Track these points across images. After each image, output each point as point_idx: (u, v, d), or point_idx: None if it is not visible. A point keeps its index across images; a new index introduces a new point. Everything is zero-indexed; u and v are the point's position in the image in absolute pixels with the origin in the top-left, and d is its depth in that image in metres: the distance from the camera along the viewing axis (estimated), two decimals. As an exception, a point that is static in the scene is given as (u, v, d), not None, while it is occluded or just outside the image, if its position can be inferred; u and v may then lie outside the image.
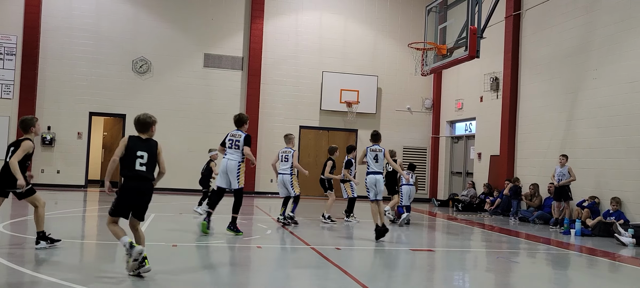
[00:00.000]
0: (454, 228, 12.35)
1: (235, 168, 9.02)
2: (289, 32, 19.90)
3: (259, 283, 6.17)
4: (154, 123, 5.96)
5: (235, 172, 9.03)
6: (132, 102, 18.77)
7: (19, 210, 11.94)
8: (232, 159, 9.03)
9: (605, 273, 7.92)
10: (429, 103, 20.90)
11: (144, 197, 5.82)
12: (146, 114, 5.97)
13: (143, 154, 5.75)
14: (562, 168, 12.74)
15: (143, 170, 5.75)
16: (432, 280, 6.88)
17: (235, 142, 9.05)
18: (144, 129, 5.91)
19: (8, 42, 17.87)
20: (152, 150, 5.83)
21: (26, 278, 5.68)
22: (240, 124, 9.27)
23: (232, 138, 9.14)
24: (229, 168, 9.02)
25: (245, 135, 9.07)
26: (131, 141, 5.80)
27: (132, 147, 5.75)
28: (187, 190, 18.68)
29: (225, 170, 9.08)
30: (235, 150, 9.05)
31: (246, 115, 9.44)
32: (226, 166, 9.06)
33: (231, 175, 9.03)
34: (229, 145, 9.14)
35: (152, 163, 5.83)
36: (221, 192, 9.25)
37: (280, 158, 11.04)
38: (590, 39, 13.34)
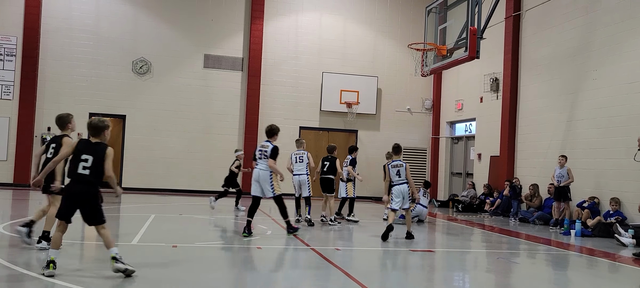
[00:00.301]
0: (454, 228, 12.34)
1: (267, 177, 9.29)
2: (288, 33, 19.90)
3: (259, 284, 6.17)
4: (106, 127, 5.97)
5: (268, 181, 9.28)
6: (132, 103, 18.78)
7: (18, 211, 11.95)
8: (263, 169, 9.32)
9: (605, 273, 7.92)
10: (429, 104, 20.90)
11: (82, 200, 5.76)
12: (100, 118, 6.01)
13: (87, 158, 5.73)
14: (561, 169, 12.74)
15: (85, 174, 5.72)
16: (432, 281, 6.88)
17: (263, 153, 9.39)
18: (95, 133, 5.92)
19: (8, 43, 17.88)
20: (98, 155, 5.75)
21: (26, 278, 5.67)
22: (271, 134, 9.61)
23: (262, 149, 9.48)
24: (261, 177, 9.31)
25: (273, 146, 9.37)
26: (79, 144, 5.85)
27: (79, 151, 5.78)
28: (187, 191, 18.69)
29: (258, 179, 9.35)
30: (265, 160, 9.34)
31: (277, 127, 9.72)
32: (258, 176, 9.34)
33: (263, 184, 9.31)
34: (258, 156, 9.48)
35: (98, 167, 5.75)
36: (257, 201, 9.45)
37: (295, 160, 11.38)
38: (590, 40, 13.35)
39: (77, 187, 5.76)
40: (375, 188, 16.85)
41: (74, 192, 5.78)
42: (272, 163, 9.22)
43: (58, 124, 7.33)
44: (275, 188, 9.28)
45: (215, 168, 19.27)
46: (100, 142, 5.89)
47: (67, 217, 5.81)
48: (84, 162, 5.73)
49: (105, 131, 5.96)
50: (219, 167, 19.27)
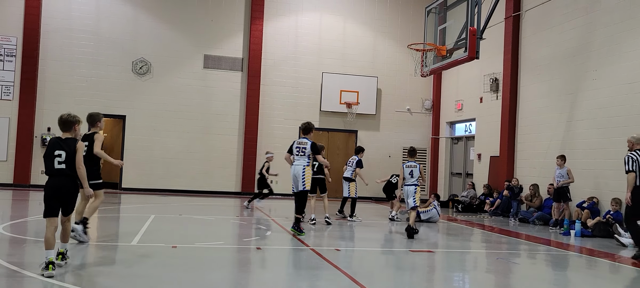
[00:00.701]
0: (453, 229, 12.34)
1: (301, 172, 9.64)
2: (288, 33, 19.90)
3: (258, 284, 6.17)
4: (76, 122, 6.21)
5: (301, 175, 9.63)
6: (132, 103, 18.78)
7: (19, 212, 11.95)
8: (298, 164, 9.71)
9: (605, 274, 7.92)
10: (428, 104, 20.90)
11: (63, 192, 5.97)
12: (69, 113, 6.22)
13: (61, 153, 5.95)
14: (560, 169, 12.74)
15: (62, 168, 5.94)
16: (432, 281, 6.88)
17: (301, 149, 9.75)
18: (65, 128, 6.17)
19: (8, 43, 17.88)
20: (71, 148, 5.99)
21: (25, 279, 5.67)
22: (307, 131, 9.97)
23: (299, 146, 9.85)
24: (296, 172, 9.70)
25: (312, 143, 9.77)
26: (50, 142, 6.08)
27: (51, 148, 6.00)
28: (186, 191, 18.69)
29: (294, 175, 9.76)
30: (302, 156, 9.73)
31: (312, 124, 10.11)
32: (294, 171, 9.76)
33: (298, 178, 9.66)
34: (296, 152, 9.85)
35: (72, 161, 5.98)
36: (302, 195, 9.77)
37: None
38: (590, 40, 13.35)
39: (57, 181, 5.95)
40: (374, 188, 16.85)
41: (55, 187, 5.94)
42: (321, 158, 9.86)
43: (89, 121, 7.80)
44: (307, 184, 9.62)
45: (215, 168, 19.31)
46: (71, 137, 6.14)
47: (55, 212, 5.95)
48: (59, 157, 5.94)
49: (75, 126, 6.21)
50: (219, 167, 19.33)
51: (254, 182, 19.40)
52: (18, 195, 15.57)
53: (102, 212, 12.50)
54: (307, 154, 9.69)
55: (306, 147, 9.69)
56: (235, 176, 19.47)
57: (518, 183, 15.14)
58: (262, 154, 19.57)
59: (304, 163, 9.66)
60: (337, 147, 20.23)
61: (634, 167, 8.75)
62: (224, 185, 19.29)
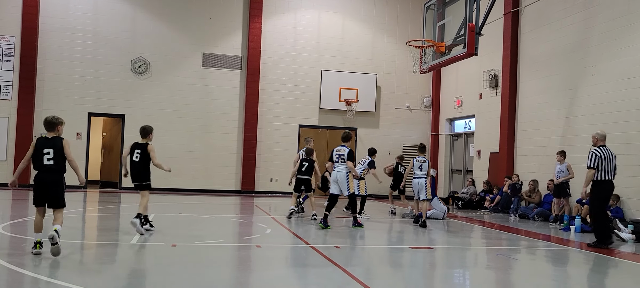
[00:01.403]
0: (453, 225, 12.35)
1: (344, 178, 10.57)
2: (287, 31, 19.88)
3: (258, 282, 6.17)
4: (60, 123, 6.95)
5: (344, 181, 10.57)
6: (131, 102, 18.76)
7: (18, 212, 11.95)
8: (340, 171, 10.65)
9: (605, 269, 7.92)
10: (428, 101, 20.90)
11: (51, 186, 6.73)
12: (53, 116, 6.97)
13: (49, 151, 6.70)
14: (561, 165, 12.73)
15: (50, 164, 6.69)
16: (432, 278, 6.88)
17: (340, 157, 10.67)
18: (50, 128, 6.88)
19: (6, 43, 17.86)
20: (57, 146, 6.73)
21: (26, 279, 5.67)
22: (347, 139, 10.93)
23: (338, 153, 10.74)
24: (339, 179, 10.62)
25: (349, 150, 10.70)
26: (38, 142, 6.79)
27: (40, 147, 6.74)
28: (186, 190, 18.69)
29: (336, 180, 10.66)
30: (342, 163, 10.63)
31: (351, 133, 11.13)
32: (336, 177, 10.67)
33: (341, 185, 10.61)
34: (335, 160, 10.76)
35: (59, 157, 6.73)
36: (335, 198, 10.79)
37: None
38: (589, 35, 13.34)
39: (43, 175, 6.74)
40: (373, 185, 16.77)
41: (44, 181, 6.75)
42: (351, 165, 10.57)
43: (142, 133, 9.06)
44: (351, 187, 10.62)
45: (215, 167, 19.30)
46: (56, 136, 6.87)
47: (43, 202, 6.81)
48: (47, 154, 6.69)
49: (58, 126, 6.93)
50: (219, 166, 19.32)
51: (253, 181, 19.41)
52: (18, 195, 15.57)
53: (102, 211, 12.51)
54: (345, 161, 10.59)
55: (344, 155, 10.62)
56: (235, 175, 19.46)
57: (519, 180, 15.14)
58: (261, 152, 19.59)
59: (346, 170, 10.55)
60: (337, 144, 20.13)
61: (596, 163, 9.12)
62: (224, 183, 19.28)
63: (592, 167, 9.15)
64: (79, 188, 18.10)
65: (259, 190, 19.51)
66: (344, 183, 10.55)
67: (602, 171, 9.13)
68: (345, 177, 10.55)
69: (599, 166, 9.12)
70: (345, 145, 10.81)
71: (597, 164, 9.11)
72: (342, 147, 10.76)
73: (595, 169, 9.11)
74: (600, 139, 9.38)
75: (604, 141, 9.41)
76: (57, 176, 6.78)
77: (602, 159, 9.13)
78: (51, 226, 6.60)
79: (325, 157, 20.21)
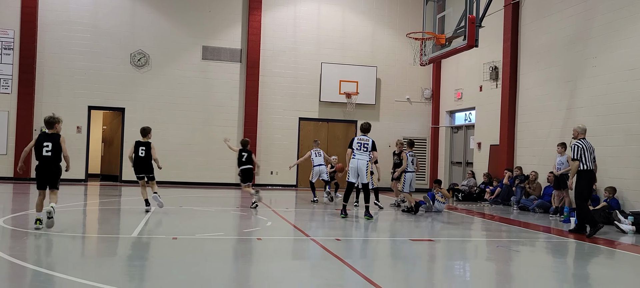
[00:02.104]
0: (454, 218, 12.37)
1: (364, 166, 10.75)
2: (287, 24, 19.83)
3: (258, 275, 6.18)
4: (57, 121, 8.41)
5: (364, 170, 10.75)
6: (131, 95, 18.75)
7: (19, 205, 11.98)
8: (361, 159, 10.76)
9: (604, 260, 7.94)
10: (428, 93, 20.87)
11: (48, 172, 8.16)
12: (52, 115, 8.38)
13: (48, 144, 8.15)
14: (561, 157, 12.72)
15: (49, 155, 8.14)
16: (432, 270, 6.90)
17: (363, 145, 10.83)
18: (49, 126, 8.31)
19: (5, 36, 17.82)
20: (55, 141, 8.19)
21: (28, 272, 5.69)
22: (368, 130, 11.13)
23: (361, 141, 10.92)
24: (359, 167, 10.77)
25: (372, 140, 10.92)
26: (40, 136, 8.26)
27: (40, 140, 8.20)
28: (186, 183, 18.71)
29: (356, 168, 10.79)
30: (364, 152, 10.78)
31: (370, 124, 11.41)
32: (357, 165, 10.80)
33: (361, 173, 10.78)
34: (357, 148, 10.85)
35: (56, 150, 8.18)
36: (351, 186, 11.02)
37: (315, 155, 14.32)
38: (589, 27, 13.30)
39: (42, 164, 8.14)
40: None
41: (40, 168, 8.16)
42: (376, 154, 10.92)
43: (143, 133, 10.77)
44: (368, 177, 10.83)
45: (215, 160, 19.31)
46: (54, 132, 8.28)
47: (44, 186, 8.19)
48: (46, 147, 8.12)
49: (56, 124, 8.37)
50: (219, 159, 19.33)
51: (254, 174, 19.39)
52: (18, 188, 15.58)
53: (103, 205, 12.53)
54: (369, 151, 10.77)
55: (368, 144, 10.83)
56: (235, 168, 19.38)
57: (521, 172, 15.06)
58: (262, 145, 19.60)
59: (367, 159, 10.72)
60: (337, 137, 20.22)
61: (579, 155, 9.64)
62: (224, 176, 19.30)
63: (576, 158, 9.69)
64: (79, 183, 18.12)
65: (259, 183, 19.52)
66: (363, 171, 10.76)
67: (585, 162, 9.66)
68: (366, 165, 10.76)
69: (581, 157, 9.64)
70: (367, 135, 11.05)
71: (580, 155, 9.64)
72: (364, 137, 10.97)
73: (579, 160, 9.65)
74: (581, 132, 9.96)
75: (584, 134, 10.00)
76: (54, 165, 8.18)
77: (584, 150, 9.67)
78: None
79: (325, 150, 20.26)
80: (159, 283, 5.45)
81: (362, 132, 11.12)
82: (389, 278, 6.05)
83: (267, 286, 5.59)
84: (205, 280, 5.61)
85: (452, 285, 6.07)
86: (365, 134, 11.08)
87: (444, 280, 6.29)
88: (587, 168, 9.69)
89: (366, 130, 11.12)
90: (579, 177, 9.76)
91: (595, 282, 6.42)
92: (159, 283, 5.43)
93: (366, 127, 11.18)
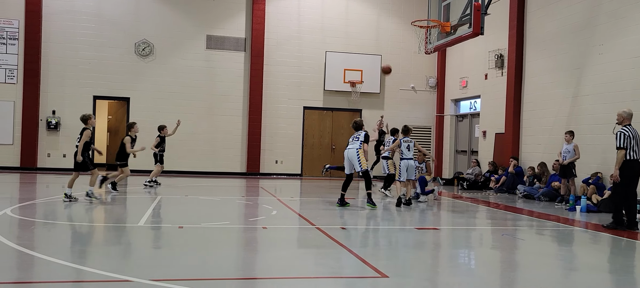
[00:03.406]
0: (459, 206, 12.37)
1: (355, 155, 10.87)
2: (291, 12, 19.75)
3: (264, 263, 6.21)
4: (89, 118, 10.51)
5: (356, 158, 10.84)
6: (136, 85, 18.77)
7: (27, 194, 12.05)
8: (351, 148, 11.02)
9: (610, 248, 7.93)
10: (433, 81, 20.79)
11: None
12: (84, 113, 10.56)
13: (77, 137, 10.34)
14: (568, 144, 12.67)
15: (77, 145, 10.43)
16: (437, 258, 6.91)
17: (355, 137, 11.14)
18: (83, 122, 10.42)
19: (10, 26, 17.83)
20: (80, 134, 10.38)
21: (36, 260, 5.74)
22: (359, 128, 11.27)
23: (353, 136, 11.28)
24: (350, 155, 10.96)
25: (365, 133, 11.19)
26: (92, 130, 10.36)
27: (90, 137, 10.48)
28: (191, 173, 18.77)
29: (348, 158, 10.99)
30: (355, 141, 11.04)
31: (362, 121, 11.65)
32: (347, 155, 11.01)
33: (353, 161, 10.89)
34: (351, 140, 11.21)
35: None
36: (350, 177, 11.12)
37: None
38: (596, 14, 13.19)
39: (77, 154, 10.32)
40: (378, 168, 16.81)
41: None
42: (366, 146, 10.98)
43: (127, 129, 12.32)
44: (363, 164, 10.81)
45: (220, 149, 19.35)
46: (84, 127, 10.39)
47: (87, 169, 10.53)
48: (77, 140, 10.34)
49: (88, 120, 10.48)
50: (224, 148, 19.37)
51: (259, 163, 19.45)
52: (25, 178, 15.68)
53: (109, 194, 12.59)
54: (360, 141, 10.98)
55: (359, 135, 11.13)
56: (240, 156, 19.51)
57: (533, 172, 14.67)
58: (266, 134, 19.61)
59: (357, 146, 10.90)
60: (341, 126, 20.19)
61: (625, 143, 8.77)
62: (229, 165, 19.35)
63: (622, 147, 8.78)
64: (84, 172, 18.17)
65: (264, 172, 19.57)
66: (355, 160, 10.81)
67: (630, 151, 8.79)
68: (356, 154, 10.80)
69: (627, 146, 8.77)
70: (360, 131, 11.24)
71: (625, 143, 8.78)
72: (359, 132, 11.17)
73: (625, 149, 8.78)
74: (627, 118, 9.04)
75: (630, 120, 9.06)
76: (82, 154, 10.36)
77: (630, 138, 8.80)
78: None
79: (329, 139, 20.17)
80: (165, 271, 5.49)
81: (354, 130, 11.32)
82: (394, 266, 6.06)
83: (273, 274, 5.62)
84: (212, 268, 5.65)
85: (457, 273, 6.08)
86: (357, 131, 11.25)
87: (449, 268, 6.30)
88: (633, 158, 8.78)
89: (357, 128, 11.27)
90: (623, 167, 8.83)
91: (598, 270, 6.42)
92: (165, 272, 5.47)
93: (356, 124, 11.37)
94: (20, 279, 5.17)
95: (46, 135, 18.13)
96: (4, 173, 16.77)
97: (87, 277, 5.09)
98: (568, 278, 5.98)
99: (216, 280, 5.21)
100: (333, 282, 5.37)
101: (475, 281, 5.64)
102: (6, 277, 5.06)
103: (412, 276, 5.71)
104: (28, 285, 4.97)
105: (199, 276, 5.26)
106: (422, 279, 5.60)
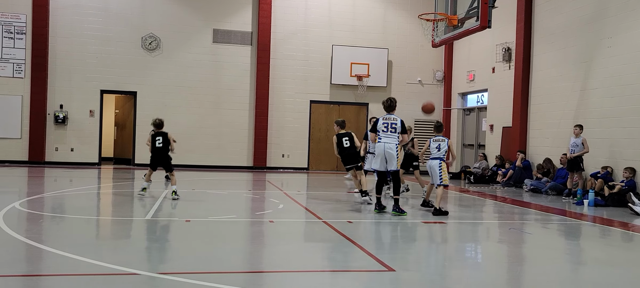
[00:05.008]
0: (466, 200, 12.34)
1: (394, 151, 9.00)
2: (298, 6, 19.71)
3: (271, 256, 6.23)
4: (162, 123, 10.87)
5: (394, 155, 8.99)
6: (143, 79, 18.82)
7: (35, 188, 12.13)
8: (389, 142, 8.99)
9: (618, 242, 7.89)
10: (440, 75, 20.71)
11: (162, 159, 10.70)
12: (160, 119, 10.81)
13: (160, 138, 10.60)
14: (576, 138, 12.59)
15: (160, 146, 10.62)
16: (444, 252, 6.90)
17: (391, 126, 9.04)
18: (159, 127, 10.73)
19: (18, 21, 17.91)
20: (164, 137, 10.63)
21: (44, 253, 5.78)
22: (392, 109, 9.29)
23: (387, 121, 9.11)
24: (387, 150, 8.99)
25: (401, 120, 9.15)
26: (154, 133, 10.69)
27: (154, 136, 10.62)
28: (198, 166, 18.82)
29: (383, 153, 9.03)
30: (392, 134, 9.02)
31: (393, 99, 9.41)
32: (384, 149, 9.02)
33: (389, 158, 8.99)
34: (384, 129, 9.07)
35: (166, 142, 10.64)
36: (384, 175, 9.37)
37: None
38: (605, 6, 13.07)
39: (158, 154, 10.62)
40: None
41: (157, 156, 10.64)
42: (406, 137, 9.20)
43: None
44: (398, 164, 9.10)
45: (227, 143, 19.39)
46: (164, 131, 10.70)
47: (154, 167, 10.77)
48: (158, 140, 10.58)
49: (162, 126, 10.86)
50: (230, 142, 19.41)
51: (265, 157, 19.46)
52: (33, 172, 15.78)
53: (116, 188, 12.65)
54: (398, 132, 9.05)
55: (396, 124, 9.05)
56: (246, 150, 19.55)
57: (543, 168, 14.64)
58: (273, 128, 19.62)
59: (396, 142, 9.01)
60: (348, 120, 20.05)
61: None
62: (236, 159, 19.39)
63: None
64: (93, 166, 18.30)
65: (271, 165, 19.59)
66: (393, 157, 9.00)
67: None
68: (396, 149, 9.01)
69: None
70: (393, 113, 9.25)
71: None
72: (390, 116, 9.18)
73: None
74: None
75: None
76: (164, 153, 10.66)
77: None
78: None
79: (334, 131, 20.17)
80: (173, 265, 5.51)
81: (387, 110, 9.24)
82: (401, 260, 6.06)
83: (280, 267, 5.63)
84: (219, 262, 5.67)
85: (464, 266, 6.07)
86: (390, 112, 9.23)
87: (456, 262, 6.29)
88: None
89: (389, 108, 9.25)
90: None
91: (606, 264, 6.39)
92: (173, 265, 5.50)
93: (389, 104, 9.28)
94: (29, 272, 5.21)
95: (54, 130, 18.22)
96: (12, 167, 16.89)
97: (94, 270, 5.13)
98: (576, 273, 5.96)
99: (223, 273, 5.23)
100: (340, 275, 5.38)
101: (482, 275, 5.62)
102: (15, 270, 5.10)
103: (419, 270, 5.71)
104: (36, 277, 5.01)
105: (206, 269, 5.28)
106: (428, 273, 5.59)
